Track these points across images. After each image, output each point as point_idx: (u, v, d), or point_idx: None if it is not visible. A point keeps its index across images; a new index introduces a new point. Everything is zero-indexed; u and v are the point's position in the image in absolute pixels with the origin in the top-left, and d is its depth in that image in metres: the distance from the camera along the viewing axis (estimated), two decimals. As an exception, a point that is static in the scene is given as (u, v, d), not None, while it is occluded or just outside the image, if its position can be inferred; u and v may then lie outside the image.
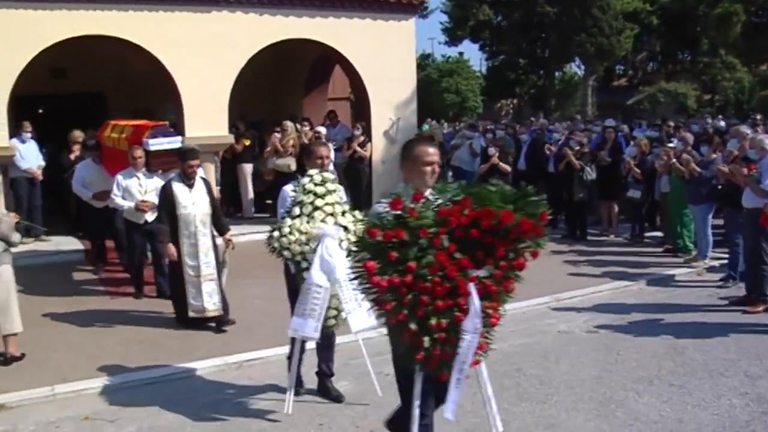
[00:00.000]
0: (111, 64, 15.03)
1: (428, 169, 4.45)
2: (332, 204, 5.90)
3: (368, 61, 14.57)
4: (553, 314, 8.89)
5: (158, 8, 12.50)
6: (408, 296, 3.90)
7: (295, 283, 6.00)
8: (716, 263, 10.83)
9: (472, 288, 3.94)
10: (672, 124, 16.65)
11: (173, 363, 7.24)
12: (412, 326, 3.92)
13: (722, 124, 17.32)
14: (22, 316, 7.49)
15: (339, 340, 6.61)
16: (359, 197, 14.37)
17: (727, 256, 10.31)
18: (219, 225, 8.50)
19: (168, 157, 9.77)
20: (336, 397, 6.34)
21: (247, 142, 14.20)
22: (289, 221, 5.84)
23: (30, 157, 12.61)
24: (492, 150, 13.76)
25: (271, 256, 6.05)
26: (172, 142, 10.03)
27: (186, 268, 8.22)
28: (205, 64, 12.86)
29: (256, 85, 15.05)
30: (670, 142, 12.16)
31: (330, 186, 5.97)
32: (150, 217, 9.46)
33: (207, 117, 12.88)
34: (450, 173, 14.77)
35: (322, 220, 5.81)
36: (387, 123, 14.89)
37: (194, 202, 8.23)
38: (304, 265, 5.79)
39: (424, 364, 4.06)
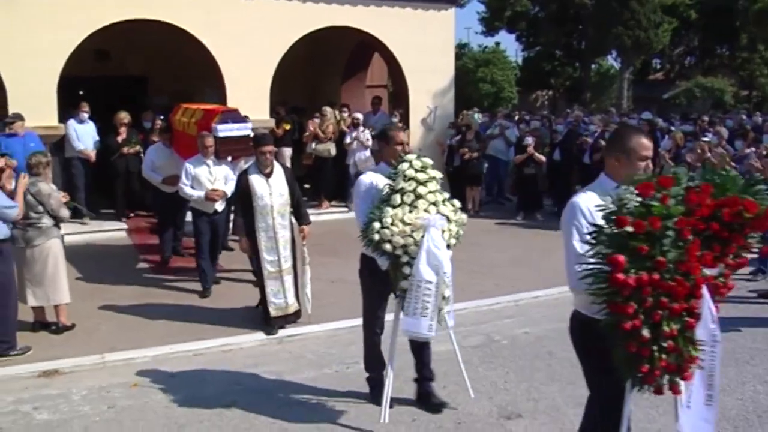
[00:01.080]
0: (153, 48, 15.30)
1: (643, 164, 3.88)
2: (434, 192, 5.45)
3: (408, 50, 14.83)
4: (586, 300, 9.06)
5: (204, -7, 12.83)
6: (649, 298, 3.38)
7: (379, 281, 5.59)
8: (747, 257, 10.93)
9: (705, 290, 3.48)
10: (706, 118, 16.71)
11: (216, 336, 7.57)
12: (645, 333, 3.38)
13: (760, 120, 17.34)
14: (70, 289, 7.87)
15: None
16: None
17: (756, 250, 10.39)
18: (298, 215, 7.97)
19: (238, 144, 9.53)
20: (438, 406, 5.90)
21: (288, 127, 14.47)
22: (390, 211, 5.28)
23: (86, 138, 12.70)
24: (529, 140, 13.95)
25: (317, 239, 6.25)
26: (242, 129, 9.63)
27: (264, 263, 7.67)
28: (248, 50, 13.22)
29: (295, 71, 15.32)
30: (705, 136, 12.27)
31: (431, 172, 5.50)
32: (219, 206, 9.26)
33: (249, 101, 13.11)
34: (486, 163, 14.95)
35: (425, 210, 5.34)
36: (425, 111, 15.12)
37: (271, 192, 7.64)
38: (405, 259, 5.27)
39: (645, 377, 3.50)
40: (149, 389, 6.37)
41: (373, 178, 5.66)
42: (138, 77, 16.83)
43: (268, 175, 7.70)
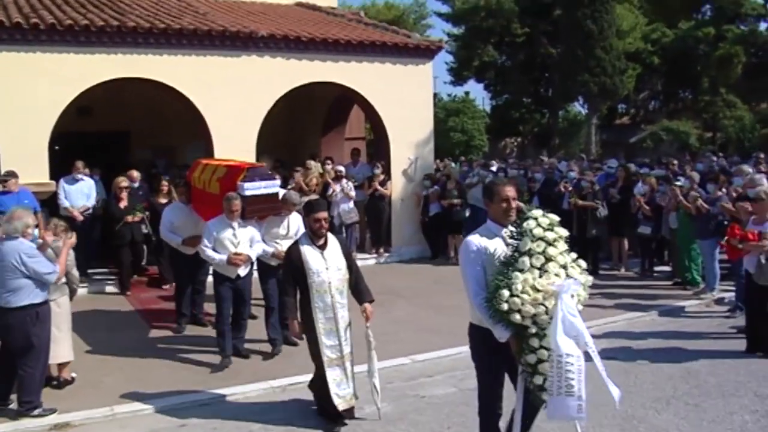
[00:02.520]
0: (134, 103, 15.65)
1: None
2: (563, 252, 4.90)
3: (388, 103, 15.29)
4: (572, 342, 9.39)
5: (191, 52, 13.26)
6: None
7: (499, 357, 5.03)
8: (724, 295, 11.36)
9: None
10: (676, 162, 17.26)
11: (221, 385, 7.77)
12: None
13: (722, 162, 17.95)
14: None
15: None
16: (380, 234, 15.00)
17: (733, 288, 10.85)
18: (357, 291, 6.91)
19: (265, 203, 8.94)
20: None
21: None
22: (520, 276, 4.72)
23: (77, 197, 12.56)
24: (505, 188, 14.33)
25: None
26: (270, 187, 9.04)
27: (324, 349, 6.65)
28: (234, 106, 13.60)
29: (276, 125, 15.65)
30: (677, 180, 12.76)
31: (559, 230, 4.97)
32: (243, 271, 8.66)
33: (236, 156, 13.41)
34: (467, 211, 15.36)
35: (556, 274, 4.79)
36: (406, 162, 15.53)
37: (328, 267, 6.71)
38: (533, 330, 4.75)
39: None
40: (162, 439, 6.56)
41: (481, 241, 5.07)
42: (119, 132, 17.03)
43: (322, 247, 6.77)
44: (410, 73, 15.55)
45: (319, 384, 6.84)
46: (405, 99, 15.37)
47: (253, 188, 8.82)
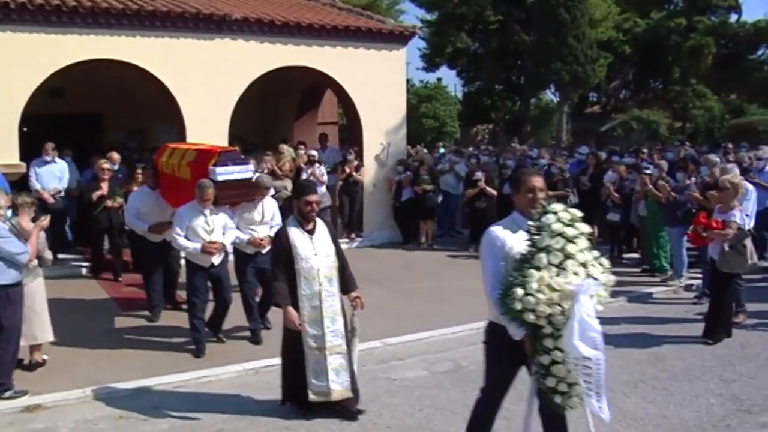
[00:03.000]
0: (106, 84, 15.55)
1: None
2: (583, 250, 4.58)
3: (361, 89, 15.31)
4: (543, 327, 9.52)
5: (164, 34, 13.18)
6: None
7: (512, 354, 4.79)
8: (691, 282, 11.55)
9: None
10: (646, 151, 17.47)
11: (194, 368, 7.80)
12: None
13: (692, 151, 18.20)
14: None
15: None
16: (352, 219, 15.04)
17: (701, 275, 11.04)
18: (344, 279, 6.66)
19: (238, 189, 8.62)
20: None
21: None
22: (535, 274, 4.42)
23: (48, 179, 12.49)
24: (479, 174, 14.48)
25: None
26: (243, 172, 8.69)
27: (306, 337, 6.41)
28: (207, 89, 13.54)
29: (248, 109, 15.61)
30: (647, 168, 12.92)
31: (580, 226, 4.60)
32: (216, 259, 8.33)
33: (208, 139, 13.38)
34: (440, 197, 15.45)
35: (574, 272, 4.49)
36: (378, 147, 15.57)
37: (316, 253, 6.45)
38: (548, 330, 4.49)
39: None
40: (136, 421, 6.57)
41: (505, 233, 4.74)
42: (91, 114, 16.91)
43: (311, 232, 6.51)
44: (384, 58, 15.56)
45: (291, 372, 6.61)
46: (378, 84, 15.40)
47: (226, 173, 8.46)
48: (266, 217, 8.93)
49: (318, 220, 6.60)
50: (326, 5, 17.02)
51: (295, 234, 6.47)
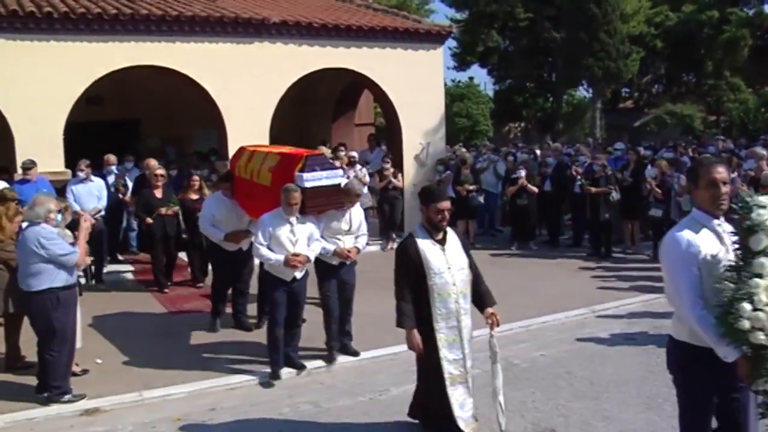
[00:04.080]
0: (145, 91, 15.70)
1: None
2: None
3: (399, 89, 15.36)
4: (591, 324, 9.54)
5: (203, 39, 13.34)
6: None
7: (713, 377, 4.07)
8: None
9: None
10: (684, 144, 17.34)
11: (247, 370, 7.84)
12: None
13: (729, 145, 18.02)
14: (88, 330, 8.41)
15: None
16: (392, 222, 14.98)
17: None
18: (479, 294, 5.99)
19: (326, 196, 7.88)
20: None
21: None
22: (761, 283, 3.73)
23: (87, 199, 11.94)
24: (521, 172, 14.45)
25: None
26: (332, 177, 7.97)
27: (445, 363, 5.71)
28: (247, 92, 13.67)
29: (285, 111, 15.71)
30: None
31: None
32: (299, 273, 7.70)
33: (249, 142, 13.42)
34: (482, 196, 15.38)
35: None
36: (417, 148, 15.58)
37: (450, 266, 5.72)
38: None
39: None
40: (194, 423, 6.63)
41: (694, 237, 4.03)
42: (129, 121, 17.06)
43: (441, 242, 5.79)
44: (421, 58, 15.60)
45: (435, 403, 5.90)
46: (416, 84, 15.42)
47: (314, 179, 7.74)
48: (353, 226, 8.21)
49: (448, 230, 5.87)
50: (361, 6, 17.09)
51: (426, 246, 5.73)
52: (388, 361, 8.06)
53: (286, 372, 7.79)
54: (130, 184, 13.15)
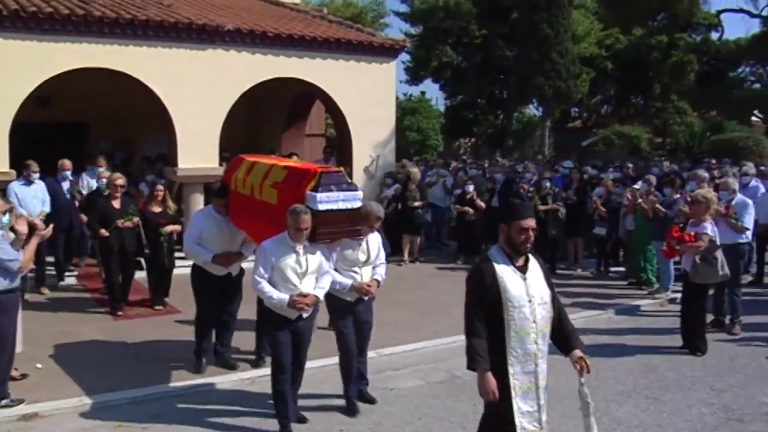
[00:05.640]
0: (96, 95, 15.54)
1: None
2: None
3: (351, 101, 15.42)
4: (534, 338, 9.63)
5: (157, 44, 13.24)
6: None
7: None
8: (677, 295, 11.69)
9: None
10: (630, 165, 17.68)
11: (190, 377, 7.79)
12: None
13: (674, 167, 18.46)
14: (31, 335, 8.30)
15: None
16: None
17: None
18: (564, 334, 4.92)
19: (341, 222, 6.62)
20: None
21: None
22: None
23: (32, 202, 11.22)
24: (470, 188, 14.62)
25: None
26: (350, 200, 6.63)
27: (518, 418, 4.72)
28: (199, 99, 13.60)
29: (236, 120, 15.57)
30: (634, 183, 13.10)
31: None
32: (306, 312, 6.51)
33: (199, 149, 13.54)
34: (429, 212, 15.47)
35: None
36: (367, 160, 15.65)
37: (531, 298, 4.70)
38: None
39: None
40: (134, 430, 6.56)
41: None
42: (78, 123, 16.85)
43: (522, 270, 4.78)
44: (374, 71, 15.70)
45: None
46: (368, 97, 15.51)
47: (329, 201, 6.46)
48: (372, 255, 7.09)
49: (530, 255, 4.86)
50: (316, 17, 17.15)
51: (505, 272, 4.71)
52: (330, 370, 8.08)
53: (229, 379, 7.78)
54: (84, 191, 12.85)
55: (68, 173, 12.60)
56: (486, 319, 4.69)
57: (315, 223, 6.33)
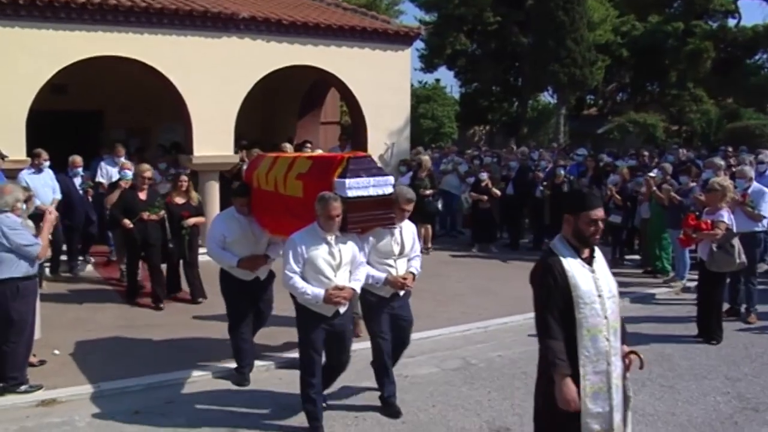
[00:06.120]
0: (111, 83, 15.61)
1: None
2: None
3: (366, 89, 15.43)
4: (549, 326, 9.65)
5: (172, 32, 13.26)
6: None
7: None
8: (692, 284, 11.66)
9: None
10: (647, 153, 17.60)
11: (204, 364, 7.82)
12: None
13: (690, 155, 18.37)
14: (48, 321, 8.34)
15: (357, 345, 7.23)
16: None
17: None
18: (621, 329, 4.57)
19: (373, 209, 6.23)
20: None
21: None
22: None
23: (44, 191, 11.06)
24: (484, 175, 14.60)
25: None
26: (381, 185, 6.27)
27: (586, 419, 4.35)
28: (214, 87, 13.63)
29: (251, 107, 15.58)
30: (650, 171, 13.05)
31: None
32: (343, 307, 6.12)
33: (214, 137, 13.57)
34: (440, 200, 15.43)
35: None
36: (382, 147, 15.67)
37: (601, 293, 4.39)
38: None
39: None
40: (153, 415, 6.62)
41: None
42: (93, 111, 16.91)
43: (589, 262, 4.49)
44: (389, 58, 15.70)
45: None
46: (383, 84, 15.51)
47: (358, 187, 6.11)
48: (407, 246, 6.66)
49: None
50: (331, 5, 17.12)
51: (573, 266, 4.41)
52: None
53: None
54: (104, 180, 12.70)
55: (79, 170, 12.38)
56: (565, 316, 4.34)
57: (345, 212, 5.95)
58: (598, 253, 4.55)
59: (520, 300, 10.70)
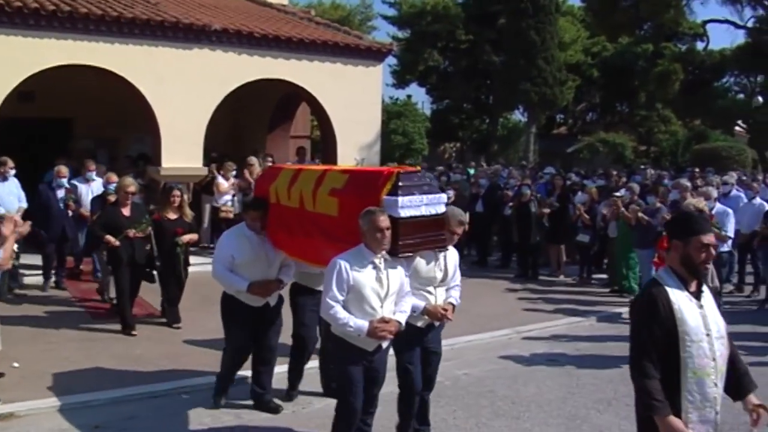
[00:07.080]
0: (80, 92, 15.39)
1: None
2: None
3: (337, 104, 15.44)
4: (516, 344, 9.67)
5: (143, 42, 13.21)
6: None
7: None
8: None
9: None
10: (615, 173, 17.76)
11: (169, 378, 7.71)
12: None
13: (663, 173, 18.57)
14: (8, 334, 8.11)
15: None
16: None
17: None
18: (737, 376, 4.09)
19: (425, 230, 5.47)
20: None
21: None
22: None
23: (9, 199, 10.93)
24: (450, 193, 14.61)
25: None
26: (434, 203, 5.50)
27: None
28: (184, 98, 13.57)
29: (221, 119, 15.41)
30: (618, 191, 13.15)
31: None
32: (385, 342, 5.42)
33: (184, 149, 13.48)
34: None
35: None
36: (352, 162, 15.62)
37: (709, 332, 3.92)
38: None
39: None
40: (113, 430, 6.50)
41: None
42: (61, 120, 16.64)
43: (696, 296, 4.02)
44: (360, 74, 15.74)
45: None
46: (354, 100, 15.54)
47: (412, 206, 5.34)
48: (449, 273, 6.04)
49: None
50: (303, 19, 17.13)
51: (681, 299, 3.93)
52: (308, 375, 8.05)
53: (208, 381, 7.69)
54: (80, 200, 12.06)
55: (64, 181, 11.65)
56: (661, 356, 3.85)
57: (395, 234, 5.20)
58: (705, 288, 4.10)
59: (487, 318, 10.81)
